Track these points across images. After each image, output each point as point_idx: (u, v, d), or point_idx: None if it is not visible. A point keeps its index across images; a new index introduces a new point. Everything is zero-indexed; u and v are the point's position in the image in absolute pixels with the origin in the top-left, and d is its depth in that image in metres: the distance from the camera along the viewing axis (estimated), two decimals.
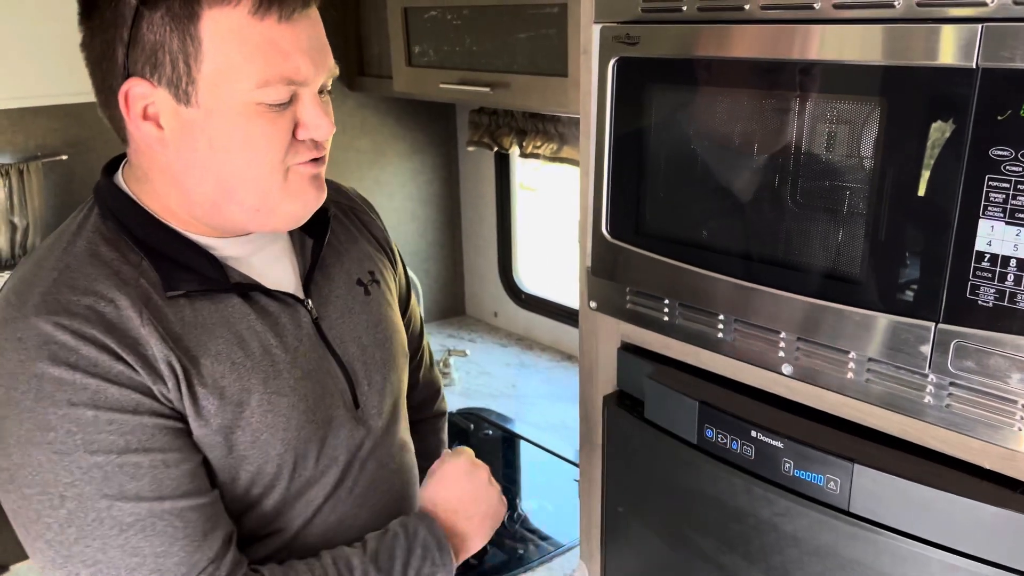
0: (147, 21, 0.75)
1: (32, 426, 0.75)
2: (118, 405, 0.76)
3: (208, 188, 0.82)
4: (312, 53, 0.80)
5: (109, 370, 0.76)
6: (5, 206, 1.90)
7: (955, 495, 0.79)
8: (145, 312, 0.80)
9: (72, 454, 0.75)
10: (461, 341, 2.49)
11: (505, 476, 1.85)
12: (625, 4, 0.97)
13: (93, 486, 0.75)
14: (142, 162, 0.84)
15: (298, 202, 0.84)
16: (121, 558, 0.76)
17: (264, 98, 0.78)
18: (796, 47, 0.82)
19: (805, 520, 0.90)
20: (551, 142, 2.04)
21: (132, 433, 0.76)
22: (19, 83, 1.63)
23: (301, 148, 0.82)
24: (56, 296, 0.77)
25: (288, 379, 0.87)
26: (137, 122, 0.79)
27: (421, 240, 2.55)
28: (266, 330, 0.87)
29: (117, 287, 0.79)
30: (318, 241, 0.96)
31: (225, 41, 0.76)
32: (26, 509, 0.76)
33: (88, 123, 1.94)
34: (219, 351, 0.83)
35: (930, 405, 0.81)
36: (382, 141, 2.39)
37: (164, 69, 0.77)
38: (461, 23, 1.73)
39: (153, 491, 0.77)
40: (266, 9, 0.76)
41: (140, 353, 0.78)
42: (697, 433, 1.00)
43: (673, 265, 0.99)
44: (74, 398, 0.75)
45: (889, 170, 0.78)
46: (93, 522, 0.75)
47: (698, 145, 0.95)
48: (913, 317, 0.79)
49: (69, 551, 0.76)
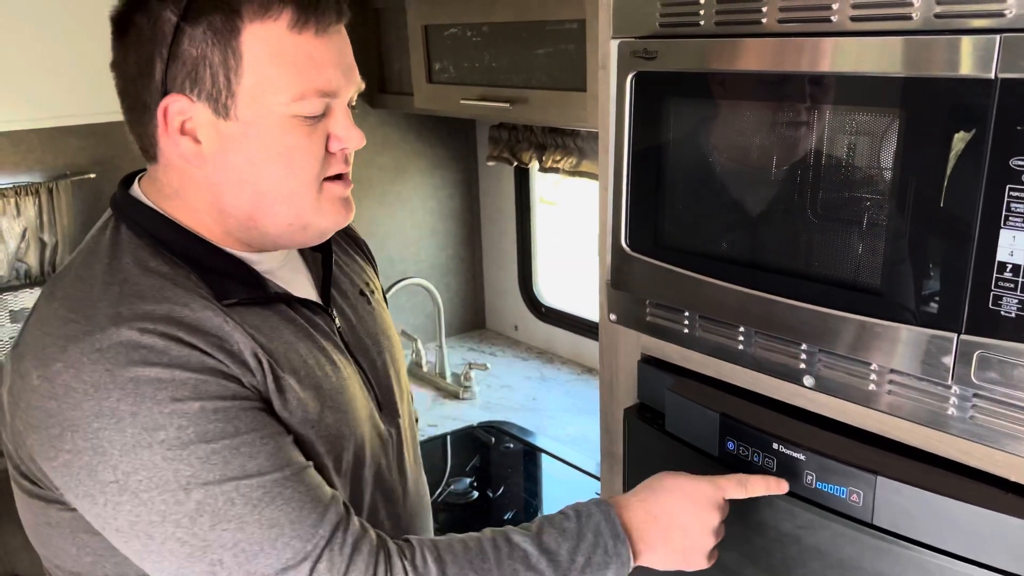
0: (188, 36, 0.77)
1: (138, 429, 0.74)
2: (219, 394, 0.77)
3: (244, 202, 0.83)
4: (344, 66, 0.83)
5: (202, 364, 0.77)
6: (35, 224, 1.93)
7: (980, 508, 0.79)
8: (220, 311, 0.81)
9: (188, 447, 0.75)
10: (482, 355, 2.50)
11: (526, 490, 1.85)
12: (643, 19, 0.98)
13: (217, 472, 0.76)
14: (173, 179, 0.85)
15: (328, 219, 0.87)
16: (260, 532, 0.76)
17: (300, 110, 0.80)
18: (814, 59, 0.83)
19: (828, 533, 0.90)
20: (570, 156, 2.05)
21: (239, 418, 0.78)
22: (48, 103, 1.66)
23: (332, 161, 0.85)
24: (130, 307, 0.78)
25: (334, 379, 0.90)
26: (175, 137, 0.81)
27: (442, 254, 2.57)
28: (307, 336, 0.90)
29: (185, 293, 0.81)
30: (326, 255, 0.99)
31: (264, 54, 0.78)
32: (148, 514, 0.75)
33: (115, 142, 1.97)
34: (286, 349, 0.86)
35: (953, 417, 0.81)
36: (403, 157, 2.41)
37: (204, 84, 0.79)
38: (481, 40, 1.75)
39: (273, 464, 0.78)
40: (304, 23, 0.79)
41: (226, 349, 0.80)
42: (718, 445, 0.99)
43: (693, 277, 0.99)
44: (176, 394, 0.75)
45: (909, 181, 0.78)
46: (225, 505, 0.76)
47: (716, 158, 0.96)
48: (935, 328, 0.78)
49: (206, 540, 0.76)
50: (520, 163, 2.21)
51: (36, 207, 1.92)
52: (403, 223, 2.45)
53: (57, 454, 0.76)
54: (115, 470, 0.75)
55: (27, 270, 1.97)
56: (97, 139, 1.96)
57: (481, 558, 0.82)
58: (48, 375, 0.76)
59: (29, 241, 1.94)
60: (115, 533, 0.78)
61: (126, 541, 0.78)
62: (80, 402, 0.75)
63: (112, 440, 0.75)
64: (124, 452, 0.75)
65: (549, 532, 0.85)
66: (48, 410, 0.76)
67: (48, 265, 1.98)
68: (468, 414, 2.13)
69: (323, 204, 0.85)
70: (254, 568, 0.76)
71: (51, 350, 0.76)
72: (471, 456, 1.97)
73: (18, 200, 1.90)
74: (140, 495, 0.75)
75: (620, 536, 0.86)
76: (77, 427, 0.75)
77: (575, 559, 0.84)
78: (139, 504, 0.75)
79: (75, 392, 0.75)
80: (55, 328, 0.78)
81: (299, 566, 0.76)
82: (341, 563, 0.77)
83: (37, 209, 1.92)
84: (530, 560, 0.83)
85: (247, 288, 0.86)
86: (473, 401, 2.20)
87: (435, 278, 2.52)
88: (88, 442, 0.75)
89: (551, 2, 1.56)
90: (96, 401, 0.74)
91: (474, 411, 2.15)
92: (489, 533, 0.85)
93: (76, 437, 0.75)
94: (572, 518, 0.87)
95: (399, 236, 2.45)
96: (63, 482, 0.77)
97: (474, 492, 1.79)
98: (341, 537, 0.78)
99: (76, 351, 0.75)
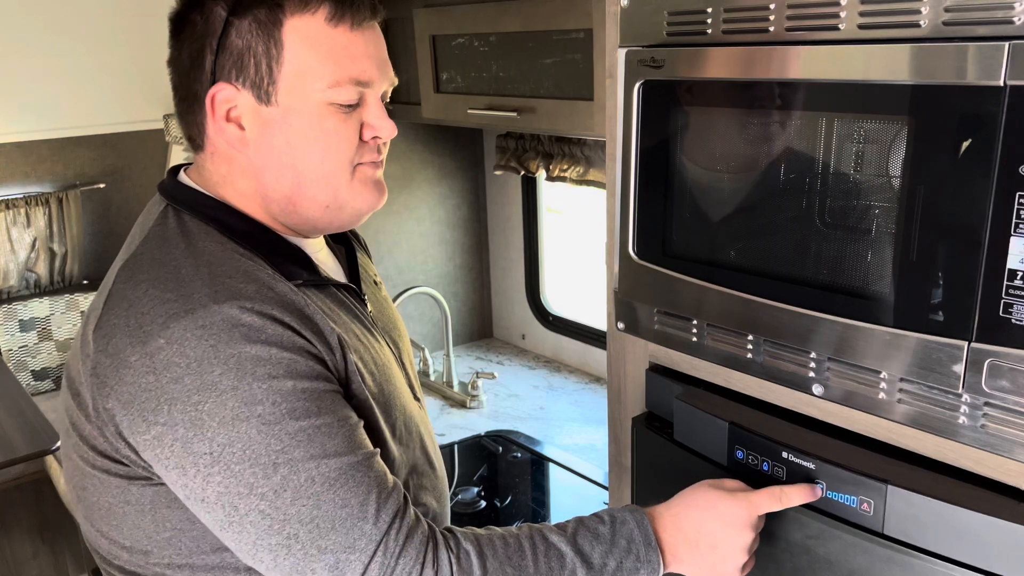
0: (236, 28, 0.85)
1: (238, 403, 0.78)
2: (308, 374, 0.82)
3: (285, 185, 0.89)
4: (378, 59, 0.90)
5: (294, 343, 0.82)
6: (45, 233, 1.95)
7: (992, 517, 0.78)
8: (298, 292, 0.87)
9: (279, 423, 0.79)
10: (489, 363, 2.50)
11: (534, 499, 1.84)
12: (650, 28, 0.98)
13: (301, 449, 0.79)
14: (220, 166, 0.91)
15: (362, 200, 0.92)
16: (333, 510, 0.80)
17: (335, 98, 0.87)
18: (822, 67, 0.83)
19: (838, 543, 0.89)
20: (577, 165, 2.06)
21: (321, 399, 0.82)
22: (59, 114, 1.68)
23: (366, 150, 0.91)
24: (224, 285, 0.82)
25: (382, 357, 0.96)
26: (221, 124, 0.88)
27: (449, 263, 2.57)
28: (355, 317, 0.96)
29: (267, 274, 0.86)
30: (348, 246, 1.06)
31: (304, 45, 0.86)
32: (236, 486, 0.79)
33: (124, 152, 1.99)
34: (346, 328, 0.92)
35: (965, 425, 0.80)
36: (411, 167, 2.41)
37: (248, 71, 0.86)
38: (488, 50, 1.76)
39: (348, 447, 0.82)
40: (340, 17, 0.86)
41: (314, 329, 0.85)
42: (727, 454, 0.99)
43: (701, 285, 0.99)
44: (273, 371, 0.80)
45: (918, 189, 0.78)
46: (306, 482, 0.79)
47: (724, 166, 0.95)
48: (945, 336, 0.78)
49: (286, 514, 0.79)
50: (527, 172, 2.21)
51: (46, 217, 1.93)
52: (411, 232, 2.45)
53: (149, 427, 0.80)
54: (211, 442, 0.79)
55: (37, 280, 1.98)
56: (107, 150, 1.97)
57: (520, 555, 0.85)
58: (148, 351, 0.79)
59: (39, 251, 1.96)
60: (200, 504, 0.81)
61: (210, 511, 0.81)
62: (181, 376, 0.78)
63: (212, 412, 0.78)
64: (223, 424, 0.78)
65: (583, 535, 0.88)
66: (144, 385, 0.79)
67: (58, 275, 1.99)
68: (475, 423, 2.12)
69: (356, 186, 0.91)
70: (324, 544, 0.79)
71: (150, 328, 0.80)
72: (478, 465, 1.96)
73: (28, 210, 1.92)
74: (232, 467, 0.79)
75: (652, 544, 0.89)
76: (175, 400, 0.78)
77: (607, 563, 0.87)
78: (230, 476, 0.79)
79: (177, 367, 0.78)
80: (150, 307, 0.81)
81: (365, 548, 0.80)
82: (396, 548, 0.81)
83: (47, 219, 1.93)
84: (564, 560, 0.86)
85: (307, 271, 0.91)
86: (480, 410, 2.20)
87: (442, 287, 2.53)
88: (186, 415, 0.78)
89: (558, 12, 1.56)
90: (198, 375, 0.78)
91: (481, 420, 2.14)
92: (527, 530, 0.88)
93: (173, 410, 0.79)
94: (607, 522, 0.90)
95: (406, 245, 2.45)
96: (153, 454, 0.81)
97: (482, 501, 1.79)
98: (398, 524, 0.82)
99: (179, 328, 0.79)
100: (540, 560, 0.85)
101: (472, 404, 2.21)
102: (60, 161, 1.95)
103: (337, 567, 0.79)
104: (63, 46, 1.64)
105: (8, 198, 1.92)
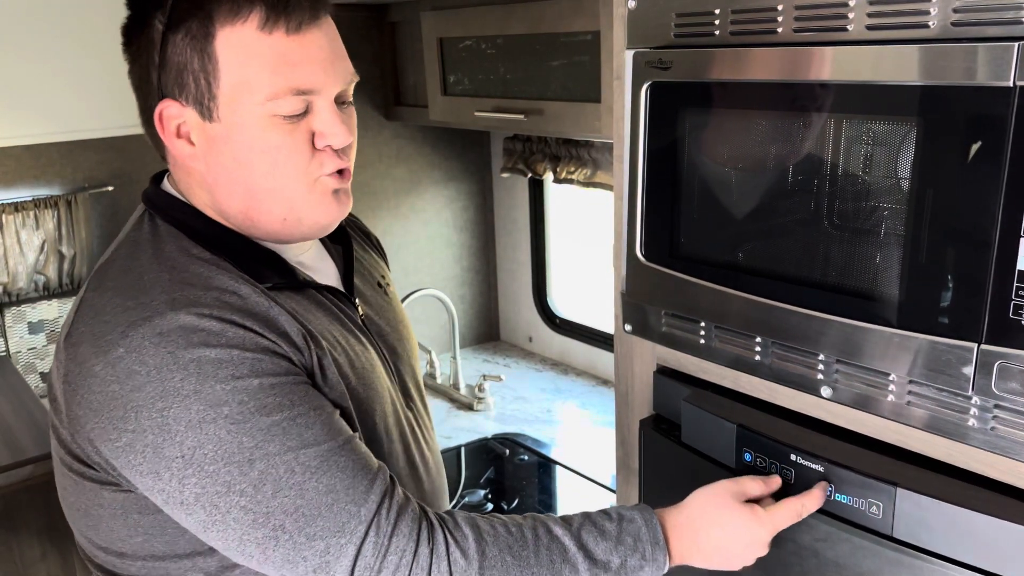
0: (172, 43, 0.81)
1: (202, 406, 0.78)
2: (274, 371, 0.81)
3: (237, 200, 0.87)
4: (324, 63, 0.84)
5: (257, 344, 0.81)
6: (54, 236, 1.95)
7: (1002, 520, 0.77)
8: (264, 294, 0.85)
9: (249, 420, 0.78)
10: (496, 366, 2.50)
11: (541, 502, 1.84)
12: (657, 30, 0.98)
13: (277, 443, 0.79)
14: (183, 177, 0.90)
15: (321, 213, 0.89)
16: (318, 497, 0.79)
17: (276, 110, 0.82)
18: (830, 68, 0.82)
19: (847, 546, 0.89)
20: (584, 168, 2.06)
21: (293, 393, 0.81)
22: (67, 117, 1.68)
23: (324, 158, 0.87)
24: (182, 293, 0.81)
25: (364, 359, 0.94)
26: (172, 140, 0.85)
27: (456, 266, 2.57)
28: (336, 319, 0.94)
29: (231, 280, 0.85)
30: (346, 247, 1.03)
31: (237, 57, 0.81)
32: (213, 485, 0.79)
33: (132, 155, 1.99)
34: (322, 329, 0.90)
35: (974, 428, 0.80)
36: (418, 169, 2.42)
37: (190, 88, 0.82)
38: (495, 52, 1.76)
39: (326, 434, 0.82)
40: (273, 23, 0.81)
41: (278, 330, 0.84)
42: (735, 457, 0.99)
43: (708, 287, 0.98)
44: (236, 372, 0.79)
45: (927, 190, 0.78)
46: (285, 473, 0.79)
47: (732, 168, 0.95)
48: (954, 338, 0.78)
49: (269, 507, 0.79)
50: (534, 174, 2.21)
51: (55, 220, 1.94)
52: (418, 235, 2.46)
53: (120, 435, 0.79)
54: (181, 446, 0.78)
55: (45, 282, 1.99)
56: (115, 152, 1.98)
57: (521, 544, 0.84)
58: (109, 360, 0.79)
59: (48, 254, 1.96)
60: (179, 507, 0.80)
61: (191, 513, 0.80)
62: (143, 384, 0.78)
63: (178, 417, 0.78)
64: (190, 428, 0.78)
65: (589, 529, 0.87)
66: (110, 394, 0.79)
67: (67, 277, 2.00)
68: (482, 426, 2.12)
69: (315, 198, 0.87)
70: (312, 531, 0.79)
71: (111, 337, 0.79)
72: (485, 468, 1.96)
73: (37, 213, 1.93)
74: (205, 467, 0.78)
75: (660, 544, 0.89)
76: (140, 407, 0.78)
77: (611, 559, 0.86)
78: (205, 476, 0.78)
79: (138, 375, 0.78)
80: (112, 316, 0.81)
81: (355, 529, 0.79)
82: (387, 527, 0.80)
83: (56, 222, 1.94)
84: (567, 553, 0.85)
85: (278, 274, 0.90)
86: (487, 413, 2.20)
87: (449, 289, 2.53)
88: (152, 421, 0.78)
89: (565, 14, 1.56)
90: (159, 383, 0.78)
91: (488, 423, 2.14)
92: (531, 520, 0.87)
93: (140, 417, 0.78)
94: (614, 519, 0.89)
95: (413, 247, 2.46)
96: (125, 461, 0.80)
97: (488, 504, 1.79)
98: (388, 503, 0.81)
99: (137, 336, 0.78)
100: (542, 551, 0.84)
101: (479, 407, 2.21)
102: (69, 164, 1.96)
103: (328, 552, 0.79)
104: (71, 50, 1.65)
105: (17, 201, 1.93)
